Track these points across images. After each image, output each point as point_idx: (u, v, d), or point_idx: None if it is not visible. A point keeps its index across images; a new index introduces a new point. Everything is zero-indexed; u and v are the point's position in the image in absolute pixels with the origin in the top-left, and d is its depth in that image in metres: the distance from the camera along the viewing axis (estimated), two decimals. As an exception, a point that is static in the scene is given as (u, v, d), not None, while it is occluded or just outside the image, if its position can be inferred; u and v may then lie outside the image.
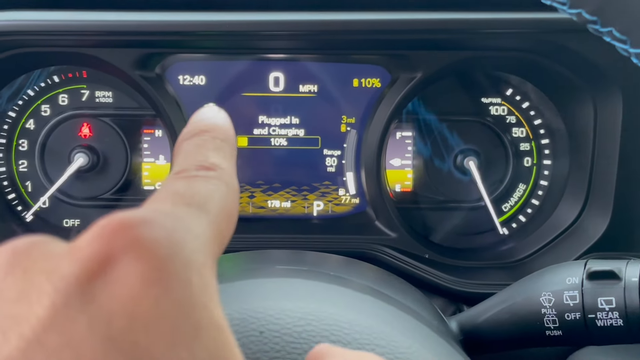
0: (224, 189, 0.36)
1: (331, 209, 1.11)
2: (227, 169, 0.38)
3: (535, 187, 1.12)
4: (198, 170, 0.37)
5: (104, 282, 0.28)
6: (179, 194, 0.34)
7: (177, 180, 0.36)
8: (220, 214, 0.35)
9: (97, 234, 0.30)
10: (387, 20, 0.99)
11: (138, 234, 0.29)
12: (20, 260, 0.30)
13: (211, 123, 0.41)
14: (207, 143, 0.39)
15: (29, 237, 0.31)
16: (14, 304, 0.28)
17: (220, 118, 0.42)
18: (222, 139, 0.40)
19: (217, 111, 0.42)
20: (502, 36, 1.01)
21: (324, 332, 0.52)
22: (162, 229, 0.30)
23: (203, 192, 0.35)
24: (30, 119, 1.09)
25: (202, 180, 0.36)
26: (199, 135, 0.40)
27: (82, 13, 0.99)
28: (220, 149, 0.39)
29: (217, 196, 0.35)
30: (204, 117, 0.42)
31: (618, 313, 0.69)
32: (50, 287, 0.28)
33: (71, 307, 0.27)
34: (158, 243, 0.29)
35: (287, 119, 1.09)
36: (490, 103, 1.10)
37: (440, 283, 1.02)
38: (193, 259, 0.30)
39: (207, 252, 0.32)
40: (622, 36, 0.50)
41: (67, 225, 1.12)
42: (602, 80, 0.98)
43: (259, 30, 1.00)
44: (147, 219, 0.30)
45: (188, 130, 0.41)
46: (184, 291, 0.29)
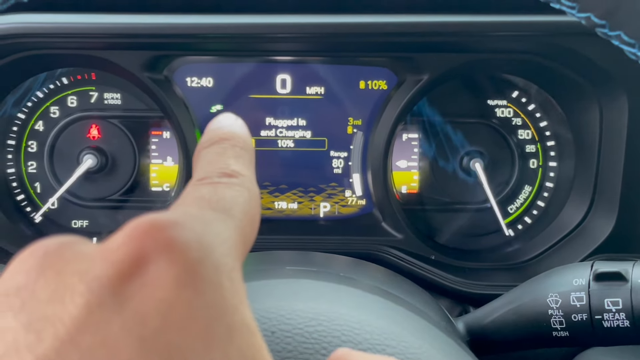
0: (247, 194, 0.37)
1: (338, 210, 1.12)
2: (248, 176, 0.38)
3: (541, 189, 1.12)
4: (220, 177, 0.37)
5: (137, 283, 0.29)
6: (204, 199, 0.35)
7: (202, 186, 0.37)
8: (244, 218, 0.35)
9: (129, 236, 0.30)
10: (393, 22, 1.00)
11: (170, 236, 0.30)
12: (52, 262, 0.30)
13: (229, 131, 0.41)
14: (227, 151, 0.40)
15: (58, 238, 0.32)
16: (47, 304, 0.28)
17: (238, 126, 0.42)
18: (241, 146, 0.40)
19: (235, 119, 0.43)
20: (508, 39, 1.01)
21: (335, 332, 0.53)
22: (192, 232, 0.31)
23: (228, 198, 0.36)
24: (39, 120, 1.10)
25: (226, 187, 0.37)
26: (219, 143, 0.40)
27: (91, 16, 0.99)
28: (240, 156, 0.40)
29: (241, 201, 0.36)
30: (222, 125, 0.42)
31: (625, 314, 0.70)
32: (83, 288, 0.28)
33: (105, 307, 0.28)
34: (189, 246, 0.30)
35: (294, 121, 1.10)
36: (496, 105, 1.11)
37: (446, 284, 1.03)
38: (222, 262, 0.31)
39: (234, 256, 0.33)
40: (631, 40, 0.51)
41: (76, 226, 1.12)
42: (607, 82, 0.99)
43: (266, 32, 1.01)
44: (178, 221, 0.31)
45: (207, 138, 0.41)
46: (216, 293, 0.29)
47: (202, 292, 0.29)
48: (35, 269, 0.30)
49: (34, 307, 0.28)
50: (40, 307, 0.28)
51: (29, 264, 0.30)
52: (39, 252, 0.31)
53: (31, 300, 0.29)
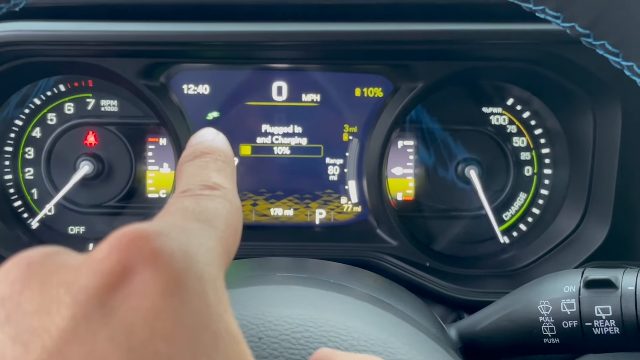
0: (229, 206, 0.37)
1: (333, 217, 1.12)
2: (229, 189, 0.39)
3: (535, 196, 1.13)
4: (202, 189, 0.38)
5: (123, 293, 0.29)
6: (188, 210, 0.36)
7: (184, 198, 0.37)
8: (227, 229, 0.36)
9: (114, 246, 0.30)
10: (389, 30, 1.00)
11: (154, 246, 0.30)
12: (37, 273, 0.30)
13: (211, 145, 0.42)
14: (209, 164, 0.40)
15: (41, 248, 0.32)
16: (33, 316, 0.28)
17: (219, 140, 0.43)
18: (222, 160, 0.41)
19: (216, 133, 0.44)
20: (503, 47, 1.02)
21: (322, 338, 0.53)
22: (176, 242, 0.31)
23: (210, 209, 0.36)
24: (36, 127, 1.11)
25: (208, 199, 0.37)
26: (200, 157, 0.41)
27: (88, 23, 1.00)
28: (222, 169, 0.40)
29: (223, 213, 0.37)
30: (203, 139, 0.43)
31: (615, 321, 0.70)
32: (69, 299, 0.29)
33: (92, 318, 0.28)
34: (174, 256, 0.30)
35: (290, 128, 1.10)
36: (491, 112, 1.11)
37: (441, 291, 1.03)
38: (206, 272, 0.31)
39: (218, 265, 0.33)
40: (615, 49, 0.51)
41: (73, 232, 1.13)
42: (601, 90, 0.99)
43: (263, 40, 1.02)
44: (162, 231, 0.31)
45: (189, 152, 0.42)
46: (201, 302, 0.30)
47: (187, 301, 0.29)
48: (19, 280, 0.30)
49: (19, 318, 0.29)
50: (26, 319, 0.28)
51: (12, 275, 0.30)
52: (23, 262, 0.31)
53: (16, 312, 0.29)
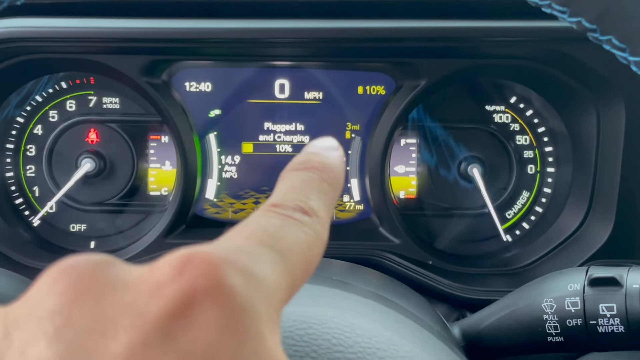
0: (313, 239, 0.35)
1: (335, 215, 1.12)
2: (323, 219, 0.36)
3: (538, 195, 1.12)
4: (295, 211, 0.35)
5: (183, 323, 0.27)
6: (267, 232, 0.33)
7: (272, 215, 0.35)
8: (299, 264, 0.34)
9: (178, 269, 0.28)
10: (391, 28, 1.00)
11: (220, 277, 0.28)
12: (89, 286, 0.28)
13: (325, 162, 0.39)
14: (314, 183, 0.37)
15: (91, 257, 0.30)
16: (86, 336, 0.27)
17: (335, 157, 0.40)
18: (330, 182, 0.38)
19: (335, 148, 0.40)
20: (506, 44, 1.02)
21: (326, 335, 0.53)
22: (241, 275, 0.29)
23: (291, 238, 0.34)
24: (38, 124, 1.11)
25: (295, 224, 0.34)
26: (309, 170, 0.38)
27: (90, 20, 1.00)
28: (325, 193, 0.37)
29: (304, 245, 0.34)
30: (321, 150, 0.40)
31: (619, 319, 0.70)
32: (127, 323, 0.27)
33: (150, 347, 0.26)
34: (236, 290, 0.28)
35: (292, 126, 1.10)
36: (494, 111, 1.11)
37: (443, 289, 1.03)
38: (264, 312, 0.29)
39: (276, 304, 0.31)
40: (622, 44, 0.51)
41: (74, 230, 1.13)
42: (605, 88, 0.99)
43: (265, 37, 1.01)
44: (229, 259, 0.29)
45: (300, 160, 0.39)
46: (260, 343, 0.28)
47: (246, 341, 0.28)
48: (70, 293, 0.28)
49: (70, 336, 0.27)
50: (77, 338, 0.27)
51: (61, 285, 0.28)
52: (72, 273, 0.29)
53: (67, 328, 0.27)
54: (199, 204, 1.11)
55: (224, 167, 1.10)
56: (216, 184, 1.11)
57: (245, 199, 1.11)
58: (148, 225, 1.12)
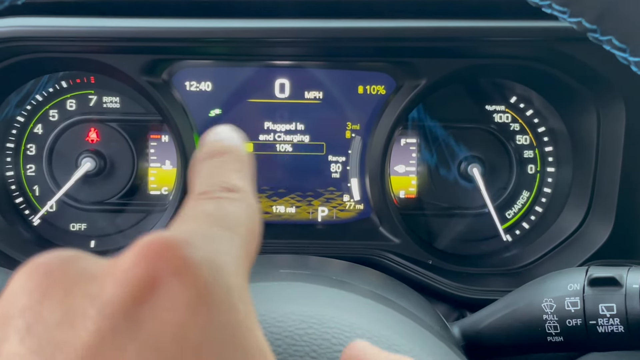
0: (249, 210, 0.36)
1: (336, 215, 1.12)
2: (248, 191, 0.38)
3: (538, 195, 1.12)
4: (222, 192, 0.37)
5: (150, 306, 0.27)
6: (210, 215, 0.34)
7: (204, 201, 0.36)
8: (248, 235, 0.35)
9: (140, 256, 0.29)
10: (392, 27, 1.00)
11: (182, 256, 0.29)
12: (57, 281, 0.29)
13: (228, 145, 0.41)
14: (227, 164, 0.39)
15: (57, 253, 0.30)
16: (56, 328, 0.27)
17: (236, 139, 0.41)
18: (240, 160, 0.40)
19: (233, 131, 0.42)
20: (506, 44, 1.02)
21: (325, 335, 0.53)
22: (203, 252, 0.30)
23: (232, 214, 0.35)
24: (38, 123, 1.11)
25: (229, 202, 0.36)
26: (217, 156, 0.40)
27: (91, 19, 1.00)
28: (240, 171, 0.39)
29: (244, 217, 0.35)
30: (220, 137, 0.41)
31: (619, 319, 0.70)
32: (94, 312, 0.27)
33: (118, 332, 0.27)
34: (201, 267, 0.29)
35: (293, 125, 1.10)
36: (494, 110, 1.11)
37: (443, 289, 1.03)
38: (234, 283, 0.30)
39: (243, 275, 0.32)
40: (622, 45, 0.51)
41: (74, 229, 1.13)
42: (605, 88, 0.99)
43: (265, 37, 1.01)
44: (188, 240, 0.30)
45: (205, 150, 0.40)
46: (230, 316, 0.29)
47: (216, 314, 0.28)
48: (39, 289, 0.28)
49: (41, 330, 0.27)
50: (48, 332, 0.27)
51: (31, 283, 0.29)
52: (40, 269, 0.29)
53: (37, 323, 0.27)
54: (199, 203, 1.10)
55: (224, 167, 1.10)
56: (216, 183, 1.10)
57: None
58: (148, 225, 1.12)
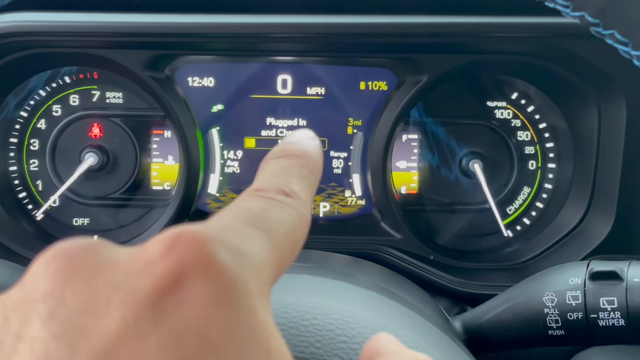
0: (297, 219, 0.36)
1: (337, 210, 1.12)
2: (305, 201, 0.37)
3: (539, 190, 1.13)
4: (277, 193, 0.36)
5: (174, 299, 0.27)
6: (252, 213, 0.34)
7: (255, 197, 0.36)
8: (285, 242, 0.34)
9: (167, 248, 0.29)
10: (394, 23, 1.01)
11: (208, 253, 0.29)
12: (80, 268, 0.29)
13: (303, 149, 0.40)
14: (294, 168, 0.38)
15: (80, 240, 0.30)
16: (79, 315, 0.27)
17: (313, 146, 0.41)
18: (309, 168, 0.39)
19: (312, 138, 0.42)
20: (508, 40, 1.02)
21: (330, 325, 0.53)
22: (229, 251, 0.30)
23: (275, 218, 0.34)
24: (41, 119, 1.11)
25: (278, 205, 0.35)
26: (288, 157, 0.39)
27: (93, 14, 1.00)
28: (305, 177, 0.38)
29: (288, 224, 0.35)
30: (297, 140, 0.41)
31: (620, 313, 0.70)
32: (118, 300, 0.27)
33: (142, 323, 0.27)
34: (225, 265, 0.29)
35: (295, 121, 1.10)
36: (495, 106, 1.11)
37: (444, 284, 1.03)
38: (254, 287, 0.30)
39: (266, 280, 0.32)
40: (624, 39, 0.51)
41: (77, 224, 1.13)
42: (606, 84, 0.99)
43: (268, 32, 1.02)
44: (217, 236, 0.30)
45: (279, 149, 0.40)
46: (249, 317, 0.29)
47: (237, 314, 0.28)
48: (61, 275, 0.28)
49: (63, 316, 0.27)
50: (71, 317, 0.27)
51: (53, 268, 0.29)
52: (63, 256, 0.29)
53: (60, 309, 0.27)
54: (202, 198, 1.11)
55: (227, 162, 1.11)
56: (219, 178, 1.11)
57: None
58: (150, 220, 1.12)
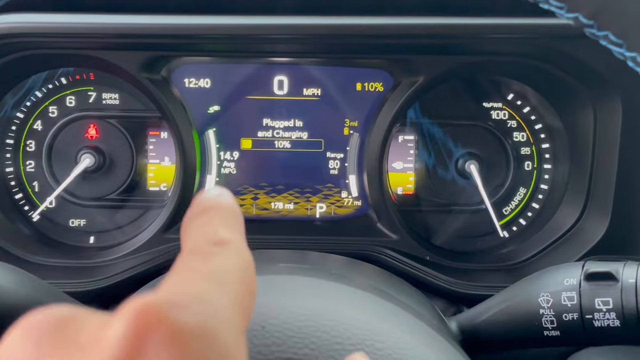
0: (240, 262, 0.36)
1: (334, 211, 1.12)
2: (237, 241, 0.37)
3: (535, 191, 1.13)
4: (210, 246, 0.36)
5: None
6: (197, 271, 0.34)
7: (192, 257, 0.35)
8: (241, 289, 0.34)
9: (129, 326, 0.28)
10: (389, 24, 1.01)
11: (172, 327, 0.28)
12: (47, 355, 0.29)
13: (215, 202, 0.40)
14: (214, 219, 0.39)
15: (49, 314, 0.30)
16: None
17: (223, 196, 0.41)
18: (228, 214, 0.39)
19: (220, 190, 0.42)
20: (504, 41, 1.02)
21: (324, 327, 0.53)
22: (195, 318, 0.29)
23: (220, 268, 0.34)
24: (37, 120, 1.11)
25: (217, 256, 0.35)
26: (204, 213, 0.39)
27: (90, 16, 1.00)
28: (228, 223, 0.38)
29: (235, 270, 0.35)
30: (207, 196, 0.41)
31: (615, 314, 0.70)
32: None
33: None
34: (192, 337, 0.29)
35: (291, 122, 1.10)
36: (491, 107, 1.12)
37: (441, 285, 1.03)
38: (228, 346, 0.30)
39: (237, 333, 0.31)
40: (618, 40, 0.51)
41: (73, 225, 1.13)
42: (601, 85, 1.00)
43: (264, 33, 1.02)
44: (177, 304, 0.30)
45: (193, 210, 0.40)
46: None
47: None
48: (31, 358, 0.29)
49: None
50: None
51: (22, 353, 0.29)
52: (32, 337, 0.29)
53: None
54: (198, 199, 1.11)
55: (223, 163, 1.11)
56: (215, 179, 1.11)
57: (244, 194, 1.11)
58: (147, 221, 1.12)
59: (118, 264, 1.06)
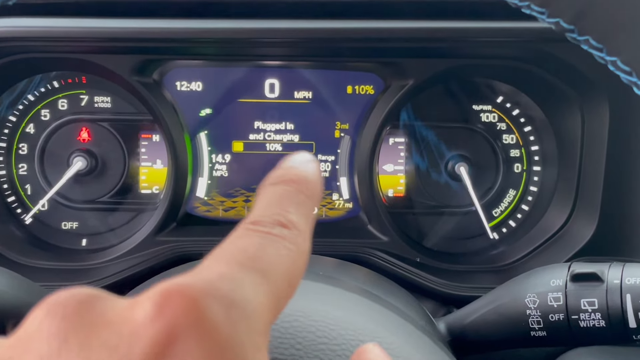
0: (294, 253, 0.35)
1: (325, 214, 1.13)
2: (303, 231, 0.36)
3: (525, 193, 1.14)
4: (274, 226, 0.35)
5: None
6: (246, 254, 0.33)
7: (250, 234, 0.35)
8: (282, 281, 0.33)
9: (159, 307, 0.29)
10: (380, 28, 1.01)
11: (201, 312, 0.29)
12: (74, 329, 0.29)
13: (301, 175, 0.39)
14: (292, 195, 0.37)
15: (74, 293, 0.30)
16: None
17: (311, 170, 0.40)
18: (307, 195, 0.38)
19: (311, 161, 0.40)
20: (493, 44, 1.03)
21: (310, 327, 0.54)
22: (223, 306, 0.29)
23: (272, 257, 0.34)
24: (30, 123, 1.11)
25: (275, 241, 0.34)
26: (286, 184, 0.38)
27: (82, 20, 1.01)
28: (303, 205, 0.37)
29: (285, 261, 0.34)
30: (295, 164, 0.40)
31: (600, 314, 0.71)
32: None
33: None
34: (219, 324, 0.29)
35: (282, 125, 1.11)
36: (481, 110, 1.12)
37: (431, 286, 1.04)
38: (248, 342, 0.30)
39: (262, 328, 0.31)
40: (598, 44, 0.52)
41: (66, 227, 1.14)
42: (589, 88, 1.00)
43: (255, 37, 1.02)
44: (209, 292, 0.30)
45: (276, 174, 0.39)
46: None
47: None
48: (56, 336, 0.29)
49: None
50: None
51: (47, 329, 0.29)
52: (57, 314, 0.29)
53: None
54: (190, 202, 1.12)
55: (215, 166, 1.12)
56: (207, 182, 1.12)
57: (235, 197, 1.12)
58: (139, 223, 1.13)
59: (110, 267, 1.06)
